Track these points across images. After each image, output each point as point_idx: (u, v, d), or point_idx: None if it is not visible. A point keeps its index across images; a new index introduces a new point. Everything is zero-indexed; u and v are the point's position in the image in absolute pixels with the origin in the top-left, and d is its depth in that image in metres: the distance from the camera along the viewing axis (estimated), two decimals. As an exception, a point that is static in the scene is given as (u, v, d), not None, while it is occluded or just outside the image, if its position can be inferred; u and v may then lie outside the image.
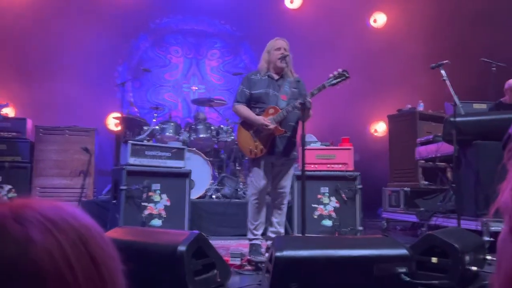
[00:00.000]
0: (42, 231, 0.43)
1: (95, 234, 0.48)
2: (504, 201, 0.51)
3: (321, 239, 3.24)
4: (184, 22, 8.81)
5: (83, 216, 0.49)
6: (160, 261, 2.45)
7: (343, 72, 3.37)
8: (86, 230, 0.47)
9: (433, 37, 7.58)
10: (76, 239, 0.45)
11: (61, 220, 0.45)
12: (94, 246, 0.46)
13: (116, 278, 0.48)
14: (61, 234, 0.44)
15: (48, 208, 0.46)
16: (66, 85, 7.13)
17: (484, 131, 4.19)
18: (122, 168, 4.36)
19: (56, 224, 0.44)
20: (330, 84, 3.37)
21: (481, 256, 2.99)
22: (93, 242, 0.47)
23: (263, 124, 3.43)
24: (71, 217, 0.47)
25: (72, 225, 0.46)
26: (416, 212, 5.15)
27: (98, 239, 0.48)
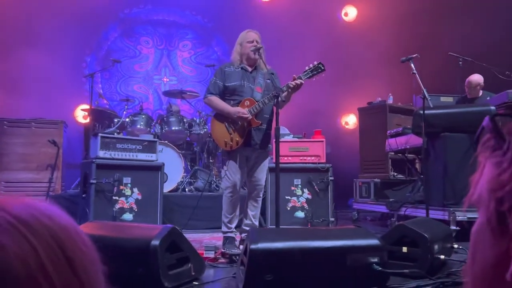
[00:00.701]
0: (12, 235, 0.39)
1: (73, 235, 0.44)
2: (478, 193, 0.52)
3: (295, 230, 3.27)
4: (154, 12, 8.64)
5: (60, 215, 0.44)
6: (133, 256, 2.41)
7: (318, 65, 3.40)
8: (63, 232, 0.43)
9: (403, 31, 7.72)
10: (52, 242, 0.41)
11: (34, 221, 0.41)
12: (72, 249, 0.43)
13: (96, 282, 0.45)
14: (35, 238, 0.40)
15: (19, 208, 0.41)
16: (31, 76, 6.89)
17: (452, 123, 4.31)
18: (92, 162, 4.25)
19: (29, 226, 0.40)
20: (306, 76, 3.39)
21: (448, 245, 3.09)
22: (71, 244, 0.43)
23: (240, 114, 3.40)
24: (46, 217, 0.43)
25: (47, 227, 0.42)
26: (386, 202, 5.27)
27: (77, 241, 0.44)
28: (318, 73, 3.41)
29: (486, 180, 0.51)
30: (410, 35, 7.56)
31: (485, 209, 0.51)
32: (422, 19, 7.60)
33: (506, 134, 0.50)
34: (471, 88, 5.43)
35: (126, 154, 4.55)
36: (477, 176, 0.54)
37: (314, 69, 3.41)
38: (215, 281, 2.66)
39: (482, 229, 0.52)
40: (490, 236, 0.50)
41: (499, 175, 0.49)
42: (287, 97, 3.44)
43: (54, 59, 7.17)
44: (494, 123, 0.52)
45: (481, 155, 0.53)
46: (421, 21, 7.63)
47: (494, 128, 0.52)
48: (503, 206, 0.47)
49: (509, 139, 0.49)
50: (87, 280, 0.43)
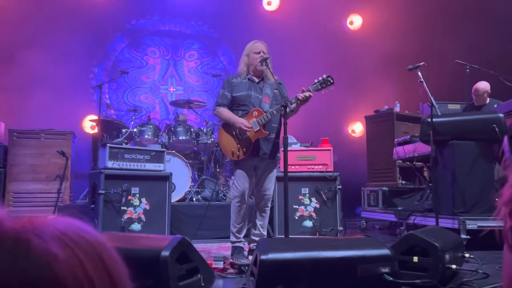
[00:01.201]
0: (62, 247, 0.42)
1: (108, 250, 0.47)
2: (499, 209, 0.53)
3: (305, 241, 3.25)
4: (161, 23, 8.73)
5: (94, 232, 0.48)
6: (143, 267, 2.41)
7: (328, 78, 3.41)
8: (100, 246, 0.46)
9: (409, 39, 7.73)
10: (93, 255, 0.44)
11: (77, 235, 0.44)
12: (109, 262, 0.46)
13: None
14: (80, 250, 0.43)
15: (64, 225, 0.45)
16: (40, 87, 6.97)
17: (460, 131, 4.29)
18: (100, 172, 4.27)
19: (73, 240, 0.44)
20: (316, 89, 3.41)
21: (459, 254, 3.06)
22: (109, 258, 0.46)
23: (242, 126, 3.42)
24: (85, 232, 0.46)
25: (88, 241, 0.45)
26: (394, 211, 5.24)
27: (112, 255, 0.47)
28: (327, 86, 3.42)
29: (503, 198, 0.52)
30: (416, 43, 7.57)
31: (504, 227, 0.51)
32: (429, 27, 7.61)
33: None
34: (478, 96, 5.41)
35: (134, 164, 4.56)
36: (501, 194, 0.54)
37: (323, 82, 3.42)
38: (225, 292, 2.65)
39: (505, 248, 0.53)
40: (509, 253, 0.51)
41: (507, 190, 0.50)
42: (295, 109, 3.45)
43: (62, 70, 7.26)
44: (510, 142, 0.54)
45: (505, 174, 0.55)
46: (427, 29, 7.64)
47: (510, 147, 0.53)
48: None
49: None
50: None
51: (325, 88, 3.41)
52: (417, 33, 7.67)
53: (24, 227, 0.42)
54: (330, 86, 3.42)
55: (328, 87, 3.41)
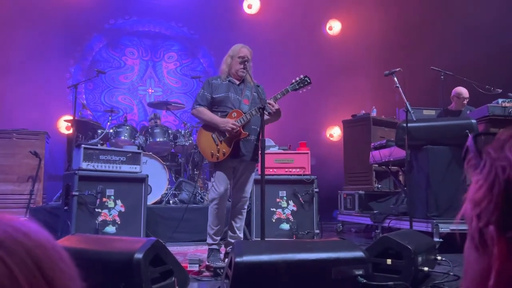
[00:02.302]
0: None
1: (51, 253, 0.42)
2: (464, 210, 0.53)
3: (280, 243, 3.26)
4: (140, 24, 8.64)
5: (37, 231, 0.42)
6: (116, 269, 2.36)
7: (305, 78, 3.45)
8: (40, 249, 0.41)
9: (386, 45, 7.87)
10: (29, 262, 0.39)
11: (10, 239, 0.39)
12: (51, 268, 0.41)
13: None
14: (10, 258, 0.38)
15: None
16: (13, 86, 6.79)
17: (434, 136, 4.38)
18: (74, 173, 4.19)
19: (6, 246, 0.38)
20: (293, 89, 3.44)
21: (432, 256, 3.12)
22: (50, 263, 0.41)
23: (229, 126, 3.39)
24: (23, 234, 0.41)
25: (24, 246, 0.40)
26: (370, 214, 5.30)
27: (56, 259, 0.42)
28: (304, 85, 3.46)
29: (468, 198, 0.53)
30: (393, 49, 7.70)
31: (469, 226, 0.52)
32: (406, 33, 7.76)
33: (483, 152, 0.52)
34: (460, 100, 5.47)
35: (110, 166, 4.49)
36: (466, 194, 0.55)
37: (301, 82, 3.45)
38: (199, 295, 2.63)
39: (469, 246, 0.53)
40: (475, 252, 0.51)
41: (476, 192, 0.50)
42: (270, 119, 3.46)
43: (38, 69, 7.10)
44: (475, 142, 0.54)
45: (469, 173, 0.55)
46: (404, 36, 7.78)
47: (474, 147, 0.54)
48: (481, 222, 0.49)
49: (485, 158, 0.51)
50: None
51: (302, 88, 3.45)
52: (395, 39, 7.81)
53: None
54: (307, 86, 3.46)
55: (306, 86, 3.46)
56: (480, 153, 0.53)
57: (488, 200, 0.48)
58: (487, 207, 0.48)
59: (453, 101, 5.57)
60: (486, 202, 0.48)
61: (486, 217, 0.48)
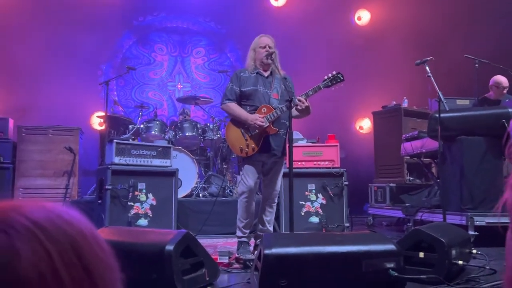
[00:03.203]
0: (29, 240, 0.39)
1: (91, 241, 0.43)
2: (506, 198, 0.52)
3: (309, 235, 3.25)
4: (168, 20, 8.73)
5: (79, 220, 0.44)
6: (147, 261, 2.42)
7: (337, 75, 3.42)
8: (81, 238, 0.42)
9: (417, 34, 7.66)
10: (68, 248, 0.40)
11: (52, 226, 0.41)
12: (89, 256, 0.42)
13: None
14: (51, 243, 0.39)
15: (37, 212, 0.41)
16: (48, 84, 7.02)
17: (468, 126, 4.25)
18: (107, 168, 4.30)
19: (46, 231, 0.40)
20: (326, 86, 3.40)
21: (466, 250, 3.03)
22: (89, 251, 0.42)
23: (257, 122, 3.39)
24: (65, 222, 0.42)
25: (65, 232, 0.41)
26: (401, 207, 5.20)
27: (95, 247, 0.43)
28: (337, 82, 3.43)
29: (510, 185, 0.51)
30: (424, 38, 7.49)
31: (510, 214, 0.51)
32: (437, 21, 7.53)
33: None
34: (499, 89, 5.27)
35: (141, 160, 4.58)
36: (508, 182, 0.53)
37: (333, 79, 3.41)
38: (229, 287, 2.65)
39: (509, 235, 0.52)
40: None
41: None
42: (298, 116, 3.44)
43: (70, 68, 7.30)
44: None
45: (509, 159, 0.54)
46: (435, 24, 7.56)
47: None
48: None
49: None
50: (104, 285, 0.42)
51: (335, 85, 3.41)
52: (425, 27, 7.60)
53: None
54: (340, 83, 3.42)
55: (338, 83, 3.41)
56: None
57: None
58: None
59: (492, 90, 5.35)
60: None
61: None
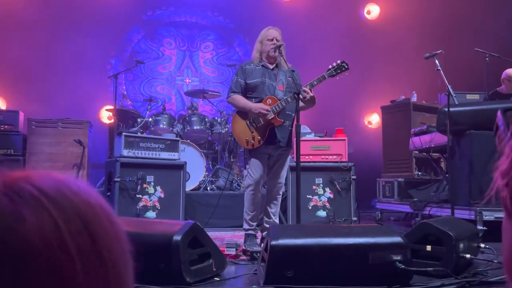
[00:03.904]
0: (34, 207, 0.39)
1: (99, 213, 0.43)
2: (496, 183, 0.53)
3: (316, 227, 3.26)
4: (176, 14, 8.74)
5: (87, 192, 0.44)
6: (155, 251, 2.44)
7: (342, 64, 3.40)
8: (88, 209, 0.42)
9: (427, 28, 7.59)
10: (74, 217, 0.40)
11: (59, 195, 0.41)
12: (96, 227, 0.42)
13: (120, 263, 0.44)
14: (56, 211, 0.40)
15: (45, 181, 0.42)
16: (58, 77, 7.07)
17: (477, 121, 4.20)
18: (116, 160, 4.33)
19: (52, 199, 0.40)
20: (330, 75, 3.39)
21: (475, 244, 3.02)
22: (96, 222, 0.42)
23: (261, 110, 3.39)
24: (72, 192, 0.42)
25: (71, 202, 0.41)
26: (410, 202, 5.18)
27: (103, 219, 0.43)
28: (342, 71, 3.41)
29: (499, 170, 0.52)
30: (434, 32, 7.42)
31: (501, 197, 0.52)
32: (446, 15, 7.45)
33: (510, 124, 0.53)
34: (511, 82, 5.19)
35: (149, 153, 4.61)
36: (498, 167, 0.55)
37: (338, 68, 3.40)
38: (236, 277, 2.67)
39: (505, 217, 0.53)
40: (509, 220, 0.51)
41: (504, 162, 0.50)
42: (303, 107, 3.43)
43: (80, 62, 7.35)
44: (503, 116, 0.54)
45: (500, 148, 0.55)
46: (445, 17, 7.48)
47: (504, 120, 0.54)
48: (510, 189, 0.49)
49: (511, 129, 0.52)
50: (111, 259, 0.42)
51: (340, 74, 3.40)
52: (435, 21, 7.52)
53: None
54: (345, 72, 3.41)
55: (343, 72, 3.40)
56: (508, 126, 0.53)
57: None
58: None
59: (504, 84, 5.27)
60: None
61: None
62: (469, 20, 7.11)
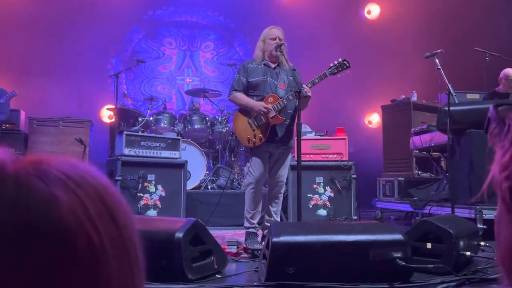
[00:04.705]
0: (64, 189, 0.40)
1: (113, 193, 0.45)
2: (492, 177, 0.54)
3: (317, 224, 3.27)
4: (177, 14, 8.75)
5: (100, 175, 0.46)
6: (157, 248, 2.45)
7: (343, 62, 3.43)
8: (104, 189, 0.44)
9: (427, 28, 7.60)
10: (96, 198, 0.42)
11: (79, 177, 0.42)
12: (113, 206, 0.43)
13: (136, 241, 0.45)
14: (82, 193, 0.41)
15: (65, 165, 0.43)
16: (59, 77, 7.09)
17: (477, 120, 4.21)
18: (117, 159, 4.35)
19: (75, 181, 0.42)
20: (331, 73, 3.41)
21: (475, 242, 3.03)
22: (112, 201, 0.44)
23: (262, 109, 3.40)
24: (89, 174, 0.44)
25: (90, 183, 0.43)
26: (410, 201, 5.19)
27: (117, 199, 0.45)
28: (343, 69, 3.44)
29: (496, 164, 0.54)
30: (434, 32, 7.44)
31: (499, 190, 0.53)
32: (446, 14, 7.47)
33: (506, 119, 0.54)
34: (508, 81, 5.21)
35: (150, 152, 4.63)
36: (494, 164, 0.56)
37: (339, 66, 3.43)
38: (237, 275, 2.69)
39: (501, 210, 0.54)
40: (507, 214, 0.52)
41: (503, 155, 0.50)
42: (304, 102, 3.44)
43: (81, 61, 7.37)
44: (496, 111, 0.55)
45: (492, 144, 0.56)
46: (445, 17, 7.49)
47: (496, 115, 0.55)
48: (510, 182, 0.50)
49: (509, 122, 0.52)
50: (128, 235, 0.44)
51: (341, 72, 3.42)
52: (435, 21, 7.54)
53: (26, 169, 0.41)
54: (346, 70, 3.43)
55: (344, 70, 3.43)
56: (503, 120, 0.54)
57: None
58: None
59: (501, 83, 5.30)
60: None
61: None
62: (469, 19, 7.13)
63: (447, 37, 7.08)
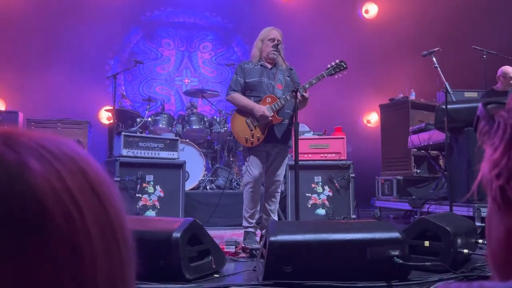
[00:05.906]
0: (38, 159, 0.37)
1: (94, 167, 0.42)
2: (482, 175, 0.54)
3: (315, 223, 3.27)
4: (175, 15, 8.76)
5: (79, 148, 0.43)
6: (155, 248, 2.45)
7: (341, 63, 3.45)
8: (84, 162, 0.41)
9: (424, 27, 7.61)
10: (74, 169, 0.39)
11: (57, 149, 0.40)
12: (94, 179, 0.41)
13: (123, 220, 0.43)
14: (58, 163, 0.38)
15: (42, 137, 0.40)
16: (57, 78, 7.09)
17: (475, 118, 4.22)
18: (115, 160, 4.35)
19: (52, 153, 0.39)
20: (329, 74, 3.43)
21: (472, 239, 3.03)
22: (93, 175, 0.41)
23: (263, 114, 3.42)
24: (68, 148, 0.41)
25: (69, 156, 0.40)
26: (408, 200, 5.19)
27: (98, 173, 0.42)
28: (340, 70, 3.46)
29: (486, 162, 0.53)
30: (432, 30, 7.45)
31: (489, 189, 0.53)
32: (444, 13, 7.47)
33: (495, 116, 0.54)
34: (507, 79, 5.20)
35: (149, 153, 4.63)
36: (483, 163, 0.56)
37: (337, 67, 3.44)
38: (235, 274, 2.68)
39: (491, 208, 0.54)
40: (498, 213, 0.52)
41: (494, 153, 0.50)
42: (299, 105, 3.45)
43: (79, 62, 7.37)
44: (485, 109, 0.55)
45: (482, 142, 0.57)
46: (442, 16, 7.50)
47: (486, 113, 0.55)
48: (501, 180, 0.49)
49: (498, 120, 0.52)
50: (113, 212, 0.41)
51: (338, 73, 3.45)
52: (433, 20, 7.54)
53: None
54: (343, 71, 3.45)
55: (342, 71, 3.45)
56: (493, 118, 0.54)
57: (507, 158, 0.49)
58: (507, 164, 0.48)
59: (499, 81, 5.29)
60: (505, 160, 0.49)
61: (506, 173, 0.49)
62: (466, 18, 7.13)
63: (445, 35, 7.09)
